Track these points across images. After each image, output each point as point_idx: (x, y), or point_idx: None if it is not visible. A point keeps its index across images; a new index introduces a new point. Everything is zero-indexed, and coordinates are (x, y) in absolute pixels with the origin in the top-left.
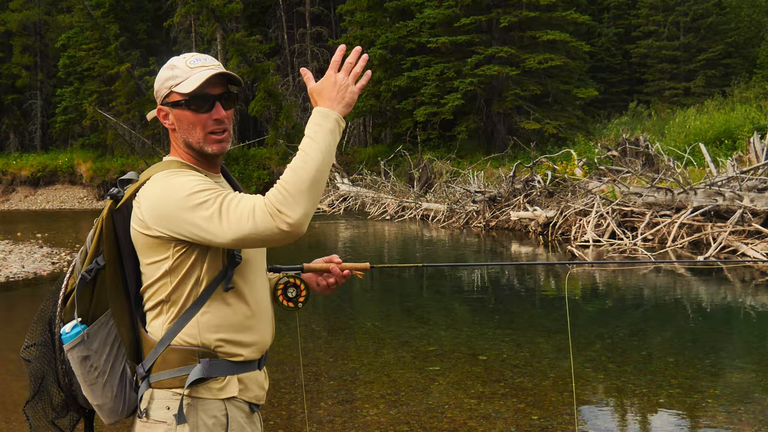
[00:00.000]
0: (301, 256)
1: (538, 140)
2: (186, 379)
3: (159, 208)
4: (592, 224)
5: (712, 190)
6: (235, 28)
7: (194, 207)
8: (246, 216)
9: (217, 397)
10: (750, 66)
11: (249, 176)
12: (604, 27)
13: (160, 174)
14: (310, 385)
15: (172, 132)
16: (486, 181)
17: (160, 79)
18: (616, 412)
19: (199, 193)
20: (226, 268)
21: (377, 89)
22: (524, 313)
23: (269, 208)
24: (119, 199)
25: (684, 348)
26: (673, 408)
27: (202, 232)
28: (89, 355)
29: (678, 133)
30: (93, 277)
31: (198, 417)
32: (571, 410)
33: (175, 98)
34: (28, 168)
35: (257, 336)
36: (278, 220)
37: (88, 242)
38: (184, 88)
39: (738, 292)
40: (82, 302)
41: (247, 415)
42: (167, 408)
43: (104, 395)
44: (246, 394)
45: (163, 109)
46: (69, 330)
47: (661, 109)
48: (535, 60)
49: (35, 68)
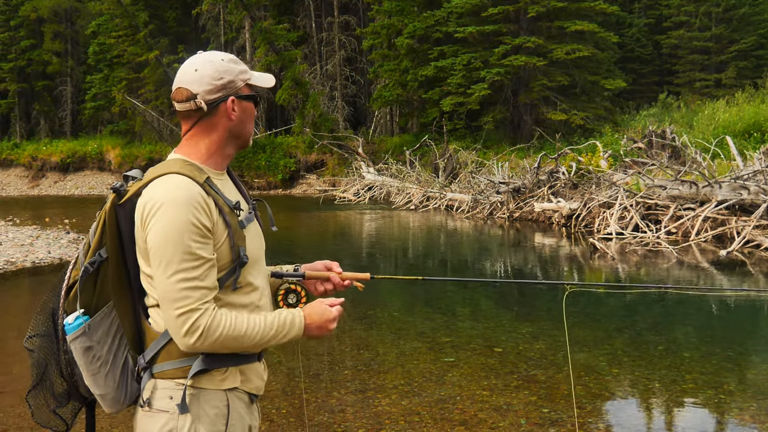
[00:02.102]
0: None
1: (565, 131)
2: (189, 369)
3: (155, 217)
4: (616, 216)
5: (737, 183)
6: (263, 17)
7: (182, 253)
8: (190, 320)
9: (219, 388)
10: None
11: (276, 164)
12: (635, 17)
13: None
14: (324, 375)
15: (227, 123)
16: (511, 172)
17: (232, 69)
18: (626, 407)
19: (195, 243)
20: (234, 268)
21: (404, 79)
22: (544, 305)
23: (198, 337)
24: (122, 194)
25: (702, 343)
26: (686, 403)
27: (162, 273)
28: (92, 345)
29: (706, 125)
30: (96, 269)
31: (200, 407)
32: (582, 403)
33: (248, 91)
34: (57, 154)
35: None
36: (188, 339)
37: (90, 235)
38: (260, 82)
39: (760, 287)
40: (85, 294)
41: (246, 406)
42: (170, 398)
43: (107, 385)
44: (247, 385)
45: (234, 100)
46: (72, 321)
47: (691, 101)
48: (563, 50)
49: (66, 55)
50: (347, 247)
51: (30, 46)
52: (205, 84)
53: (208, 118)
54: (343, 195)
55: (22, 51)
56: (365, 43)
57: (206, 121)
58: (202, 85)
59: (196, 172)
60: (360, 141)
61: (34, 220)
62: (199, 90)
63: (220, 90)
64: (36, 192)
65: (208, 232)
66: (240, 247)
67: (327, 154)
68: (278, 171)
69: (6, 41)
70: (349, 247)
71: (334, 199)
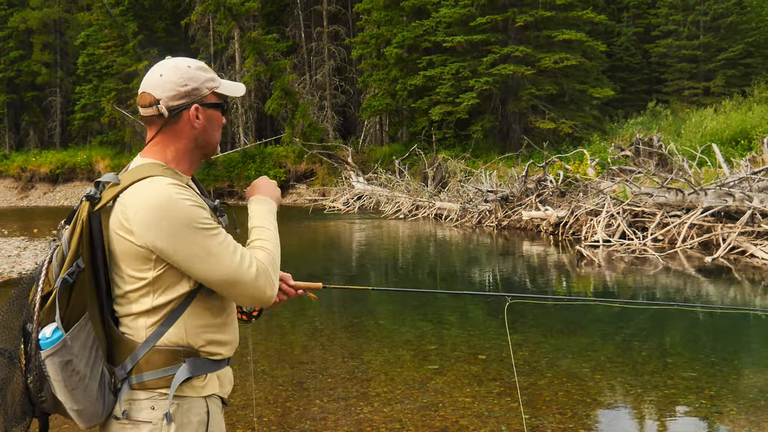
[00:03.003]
0: (312, 256)
1: (554, 140)
2: (171, 378)
3: (157, 219)
4: (603, 224)
5: (723, 190)
6: (253, 27)
7: (202, 230)
8: (252, 268)
9: (200, 395)
10: None
11: (265, 174)
12: (623, 26)
13: (154, 183)
14: (308, 383)
15: (191, 130)
16: (499, 180)
17: (198, 77)
18: (608, 412)
19: (207, 220)
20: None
21: (393, 88)
22: (528, 312)
23: (268, 278)
24: (96, 201)
25: (685, 349)
26: (667, 408)
27: (201, 260)
28: (71, 359)
29: (694, 133)
30: (73, 280)
31: (184, 415)
32: (563, 410)
33: (214, 99)
34: (47, 165)
35: (233, 335)
36: (271, 291)
37: (64, 244)
38: (227, 91)
39: (746, 293)
40: (61, 305)
41: (220, 410)
42: (152, 408)
43: (85, 399)
44: (222, 389)
45: (197, 108)
46: (50, 334)
47: (679, 109)
48: (551, 59)
49: (55, 66)
50: (336, 256)
51: (19, 56)
52: (169, 90)
53: (172, 125)
54: (333, 204)
55: (11, 62)
56: (354, 53)
57: (170, 127)
58: (166, 90)
59: (176, 176)
60: (349, 150)
61: (22, 231)
62: (162, 96)
63: (183, 97)
64: (25, 203)
65: (210, 215)
66: None
67: (317, 163)
68: None
69: None
70: (338, 257)
71: (323, 209)
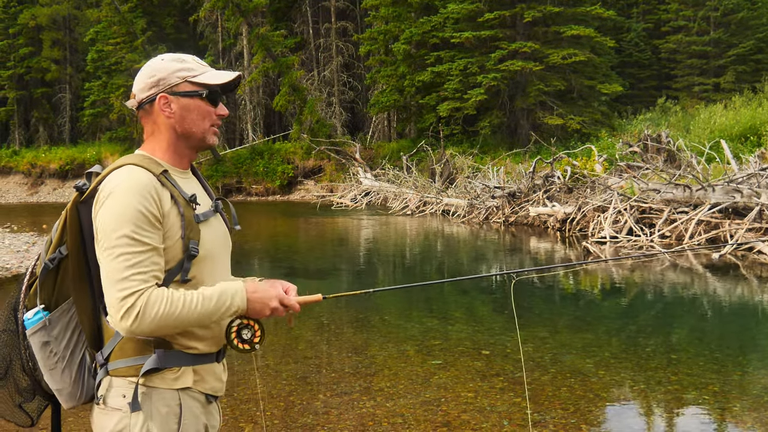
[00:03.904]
0: (320, 252)
1: (562, 136)
2: (141, 367)
3: (106, 200)
4: (610, 220)
5: (730, 186)
6: (260, 23)
7: (126, 227)
8: (129, 291)
9: (171, 387)
10: None
11: (273, 170)
12: (632, 22)
13: (120, 170)
14: (312, 377)
15: (165, 120)
16: (506, 176)
17: (168, 67)
18: (610, 408)
19: (138, 223)
20: (182, 261)
21: (401, 84)
22: (534, 307)
23: (136, 312)
24: (84, 191)
25: (690, 345)
26: (670, 404)
27: (103, 250)
28: (49, 341)
29: (703, 129)
30: (56, 266)
31: (152, 405)
32: (566, 405)
33: (190, 88)
34: (56, 161)
35: (214, 330)
36: (125, 323)
37: (53, 232)
38: (207, 79)
39: (753, 290)
40: (44, 289)
41: (202, 406)
42: (123, 396)
43: (63, 380)
44: (202, 385)
45: (167, 97)
46: (31, 316)
47: (689, 105)
48: (559, 55)
49: (64, 62)
50: (343, 252)
51: (29, 53)
52: (140, 83)
53: (149, 117)
54: (341, 201)
55: (20, 58)
56: (362, 49)
57: (148, 119)
58: (138, 84)
59: (152, 165)
60: (357, 147)
61: (31, 227)
62: (135, 90)
63: (151, 88)
64: (35, 199)
65: (156, 221)
66: (191, 240)
67: (324, 160)
68: (276, 177)
69: (5, 49)
70: (346, 253)
71: (331, 205)
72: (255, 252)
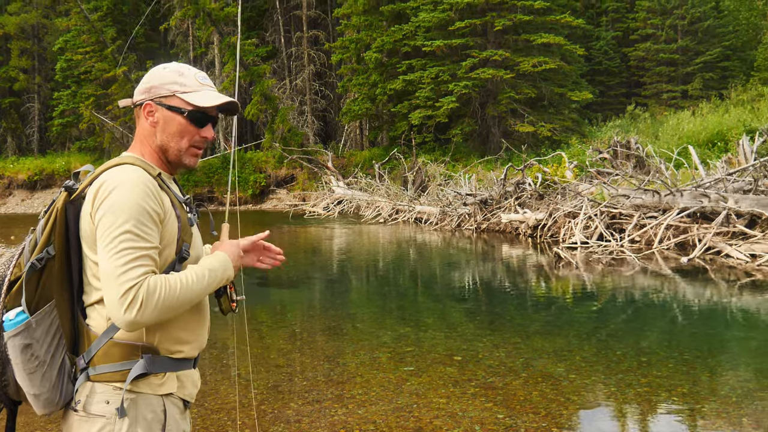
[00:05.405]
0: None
1: (533, 143)
2: (127, 373)
3: (109, 196)
4: (581, 226)
5: (698, 191)
6: (232, 32)
7: (130, 221)
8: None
9: (156, 393)
10: (747, 69)
11: (246, 179)
12: (602, 30)
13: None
14: (283, 386)
15: (150, 128)
16: (478, 183)
17: (163, 77)
18: (581, 411)
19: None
20: (173, 263)
21: (373, 93)
22: (506, 313)
23: (139, 300)
24: (73, 191)
25: (659, 348)
26: (640, 405)
27: (104, 245)
28: (31, 343)
29: (671, 135)
30: (42, 266)
31: (138, 411)
32: (537, 409)
33: (176, 103)
34: (25, 171)
35: (198, 334)
36: (129, 314)
37: (38, 231)
38: (193, 99)
39: (721, 293)
40: (27, 291)
41: (181, 412)
42: (106, 402)
43: (42, 385)
44: (182, 391)
45: (152, 106)
46: (13, 317)
47: (658, 112)
48: (530, 63)
49: (33, 72)
50: (316, 261)
51: None
52: (139, 86)
53: (138, 120)
54: (313, 209)
55: None
56: (334, 58)
57: (138, 122)
58: (138, 87)
59: (148, 167)
60: (330, 155)
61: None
62: (135, 91)
63: (144, 93)
64: (3, 210)
65: (158, 218)
66: (185, 243)
67: (297, 168)
68: (248, 186)
69: None
70: (318, 261)
71: (303, 214)
72: None
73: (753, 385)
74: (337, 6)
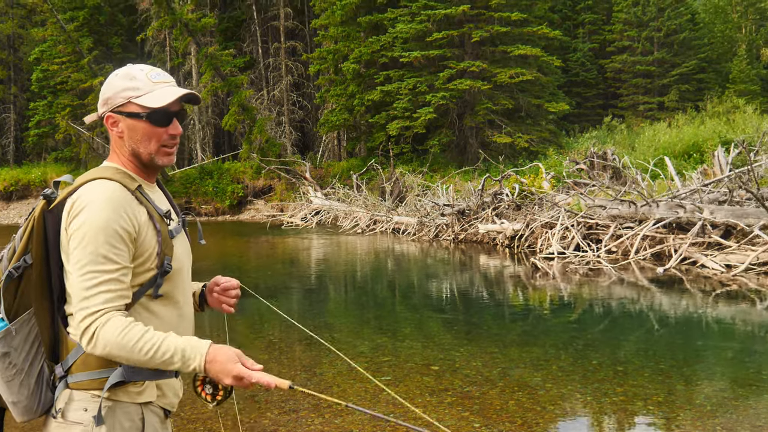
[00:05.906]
0: (271, 270)
1: (510, 154)
2: (105, 381)
3: (81, 213)
4: (557, 237)
5: (674, 202)
6: (209, 42)
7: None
8: (90, 313)
9: (135, 401)
10: (723, 81)
11: (223, 190)
12: (579, 42)
13: (97, 183)
14: (260, 395)
15: (118, 138)
16: (456, 194)
17: (116, 87)
18: (556, 420)
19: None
20: (155, 276)
21: (351, 103)
22: (483, 323)
23: (87, 331)
24: (52, 200)
25: (635, 357)
26: (615, 414)
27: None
28: (9, 351)
29: (648, 146)
30: (19, 275)
31: (116, 419)
32: (514, 418)
33: (133, 109)
34: (0, 182)
35: None
36: (83, 341)
37: (17, 240)
38: (148, 101)
39: (697, 303)
40: (5, 299)
41: (161, 420)
42: (84, 410)
43: (20, 393)
44: (162, 400)
45: (113, 117)
46: None
47: (635, 123)
48: (507, 74)
49: (8, 82)
50: (294, 271)
51: None
52: (99, 99)
53: (110, 132)
54: (291, 220)
55: None
56: (312, 69)
57: (110, 134)
58: (99, 100)
59: (127, 179)
60: (307, 166)
61: None
62: (98, 105)
63: (103, 105)
64: None
65: (129, 239)
66: (166, 256)
67: (275, 179)
68: (226, 197)
69: None
70: (296, 272)
71: (281, 224)
72: (205, 272)
73: (728, 394)
74: (315, 17)
